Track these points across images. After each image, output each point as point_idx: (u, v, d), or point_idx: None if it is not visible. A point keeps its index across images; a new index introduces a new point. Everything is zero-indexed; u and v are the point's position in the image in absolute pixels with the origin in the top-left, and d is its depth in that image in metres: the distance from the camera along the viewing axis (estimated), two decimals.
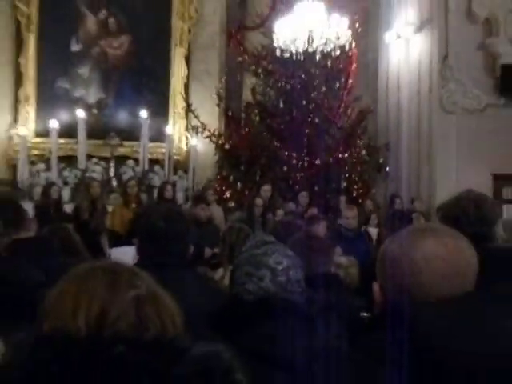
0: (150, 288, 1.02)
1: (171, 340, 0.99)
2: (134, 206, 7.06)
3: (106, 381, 0.92)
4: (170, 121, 9.32)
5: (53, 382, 0.92)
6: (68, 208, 7.38)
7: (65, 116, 8.67)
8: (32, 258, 2.28)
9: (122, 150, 8.72)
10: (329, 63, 8.34)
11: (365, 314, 2.29)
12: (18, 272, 2.17)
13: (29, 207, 5.30)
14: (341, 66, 8.50)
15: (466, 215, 2.03)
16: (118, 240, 6.14)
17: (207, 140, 8.85)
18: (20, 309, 1.70)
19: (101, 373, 0.92)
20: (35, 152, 8.60)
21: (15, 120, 8.77)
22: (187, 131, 9.40)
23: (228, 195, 8.39)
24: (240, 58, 9.05)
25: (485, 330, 1.14)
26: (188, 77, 9.44)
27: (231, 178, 8.66)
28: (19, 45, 8.69)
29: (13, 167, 8.56)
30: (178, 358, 0.96)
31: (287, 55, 7.99)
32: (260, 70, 8.80)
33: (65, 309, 0.97)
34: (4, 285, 1.95)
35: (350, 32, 8.00)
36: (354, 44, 8.28)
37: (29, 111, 8.78)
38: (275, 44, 8.05)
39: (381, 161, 8.75)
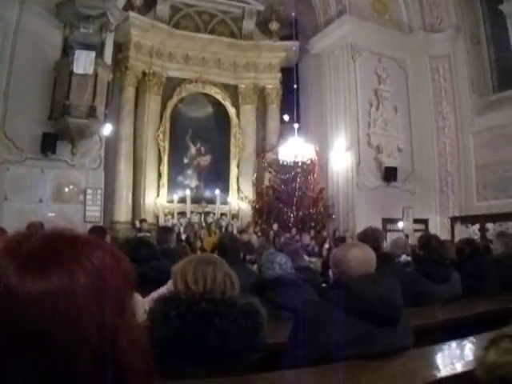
0: (225, 269, 1.45)
1: (229, 297, 1.37)
2: (213, 235, 10.43)
3: (199, 319, 1.27)
4: (230, 195, 12.73)
5: (173, 318, 1.30)
6: (183, 236, 10.44)
7: (180, 193, 11.99)
8: (171, 258, 3.02)
9: (207, 209, 11.99)
10: (304, 167, 12.04)
11: (324, 285, 3.09)
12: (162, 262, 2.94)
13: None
14: (310, 167, 12.15)
15: (369, 237, 3.16)
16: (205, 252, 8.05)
17: (247, 203, 12.67)
18: (164, 277, 2.17)
19: (195, 314, 1.30)
20: (166, 210, 11.95)
21: (158, 195, 12.03)
22: (238, 199, 12.82)
23: (258, 229, 11.56)
24: (263, 165, 12.87)
25: (376, 286, 1.77)
26: (238, 174, 13.02)
27: (259, 221, 12.15)
28: (160, 159, 12.09)
29: (156, 218, 11.82)
30: (232, 305, 1.35)
31: (285, 163, 11.79)
32: (272, 170, 12.63)
33: (185, 280, 1.36)
34: (159, 271, 2.60)
35: (314, 151, 11.94)
36: (316, 157, 12.12)
37: (164, 191, 12.12)
38: (280, 158, 11.86)
39: (330, 212, 11.89)
